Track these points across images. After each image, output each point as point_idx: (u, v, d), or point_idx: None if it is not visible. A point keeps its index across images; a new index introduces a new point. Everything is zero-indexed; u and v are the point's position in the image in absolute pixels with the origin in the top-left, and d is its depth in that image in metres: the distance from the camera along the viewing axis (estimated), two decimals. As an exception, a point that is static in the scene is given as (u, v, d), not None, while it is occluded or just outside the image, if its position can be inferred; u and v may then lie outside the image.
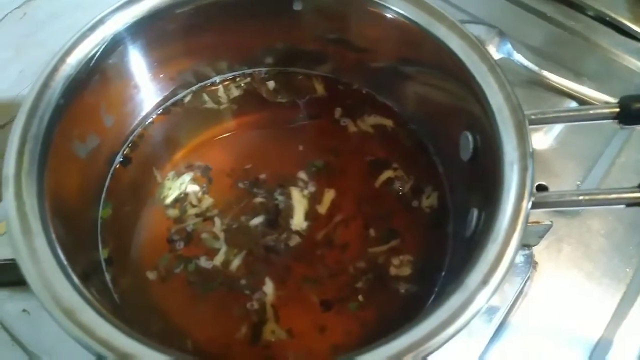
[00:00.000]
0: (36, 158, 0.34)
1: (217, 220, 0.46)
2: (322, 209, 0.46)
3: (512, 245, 0.32)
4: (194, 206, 0.46)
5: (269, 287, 0.43)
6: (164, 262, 0.44)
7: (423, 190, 0.47)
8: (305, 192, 0.47)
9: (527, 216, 0.33)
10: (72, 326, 0.29)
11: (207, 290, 0.43)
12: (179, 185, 0.47)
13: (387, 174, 0.48)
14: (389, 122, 0.50)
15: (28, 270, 0.31)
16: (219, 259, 0.44)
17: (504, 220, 0.33)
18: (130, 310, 0.41)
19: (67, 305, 0.30)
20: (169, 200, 0.47)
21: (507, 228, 0.32)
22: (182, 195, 0.47)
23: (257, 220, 0.46)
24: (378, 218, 0.46)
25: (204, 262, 0.44)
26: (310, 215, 0.46)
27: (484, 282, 0.31)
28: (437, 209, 0.46)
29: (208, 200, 0.47)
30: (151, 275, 0.43)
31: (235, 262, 0.44)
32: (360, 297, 0.43)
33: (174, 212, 0.46)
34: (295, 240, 0.45)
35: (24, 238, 0.32)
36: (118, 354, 0.28)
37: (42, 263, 0.31)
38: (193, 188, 0.47)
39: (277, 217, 0.46)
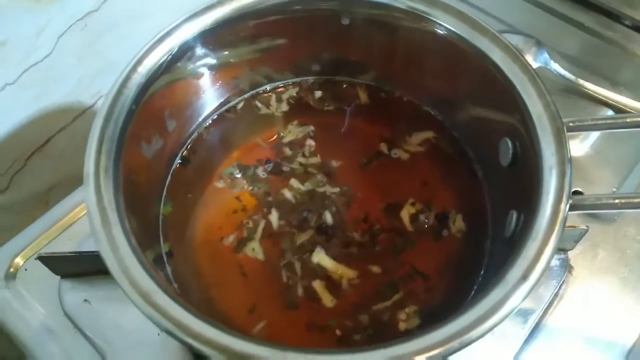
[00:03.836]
0: (112, 157, 0.38)
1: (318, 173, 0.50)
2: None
3: (550, 244, 0.34)
4: (304, 156, 0.51)
5: (274, 219, 0.48)
6: (227, 171, 0.51)
7: (447, 217, 0.48)
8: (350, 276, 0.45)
9: (566, 217, 0.35)
10: (148, 308, 0.32)
11: (254, 186, 0.49)
12: (297, 133, 0.52)
13: (408, 209, 0.48)
14: (430, 134, 0.52)
15: (108, 257, 0.34)
16: (285, 184, 0.50)
17: (543, 221, 0.34)
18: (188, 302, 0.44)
19: (144, 289, 0.32)
20: (285, 140, 0.52)
21: (546, 228, 0.34)
22: (295, 141, 0.52)
23: (328, 217, 0.48)
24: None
25: (260, 172, 0.50)
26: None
27: (524, 277, 0.32)
28: (471, 229, 0.47)
29: (316, 159, 0.51)
30: (219, 184, 0.50)
31: (287, 195, 0.49)
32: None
33: (287, 151, 0.52)
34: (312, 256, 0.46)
35: (104, 229, 0.35)
36: (188, 334, 0.31)
37: (120, 250, 0.34)
38: (310, 142, 0.52)
39: (329, 235, 0.47)
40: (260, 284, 0.45)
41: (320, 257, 0.46)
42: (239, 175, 0.50)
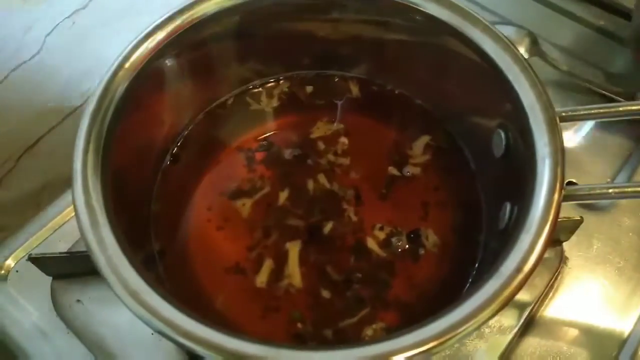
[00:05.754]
0: (100, 155, 0.37)
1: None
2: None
3: (544, 235, 0.33)
4: (335, 154, 0.50)
5: (283, 196, 0.48)
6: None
7: (419, 234, 0.46)
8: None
9: (559, 208, 0.34)
10: (138, 307, 0.31)
11: (272, 162, 0.50)
12: (325, 130, 0.52)
13: (379, 235, 0.46)
14: (427, 138, 0.51)
15: (98, 256, 0.33)
16: (310, 175, 0.49)
17: (536, 212, 0.34)
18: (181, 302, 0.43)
19: (133, 288, 0.32)
20: (314, 135, 0.51)
21: (540, 219, 0.34)
22: (327, 137, 0.51)
23: (328, 226, 0.47)
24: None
25: (287, 154, 0.51)
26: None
27: (518, 269, 0.32)
28: (464, 224, 0.46)
29: (346, 160, 0.50)
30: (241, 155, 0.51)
31: (310, 185, 0.49)
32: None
33: (321, 146, 0.51)
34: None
35: (93, 228, 0.34)
36: (180, 333, 0.31)
37: (109, 250, 0.34)
38: (343, 140, 0.52)
39: (312, 236, 0.46)
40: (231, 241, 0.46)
41: (293, 248, 0.45)
42: (261, 150, 0.51)
